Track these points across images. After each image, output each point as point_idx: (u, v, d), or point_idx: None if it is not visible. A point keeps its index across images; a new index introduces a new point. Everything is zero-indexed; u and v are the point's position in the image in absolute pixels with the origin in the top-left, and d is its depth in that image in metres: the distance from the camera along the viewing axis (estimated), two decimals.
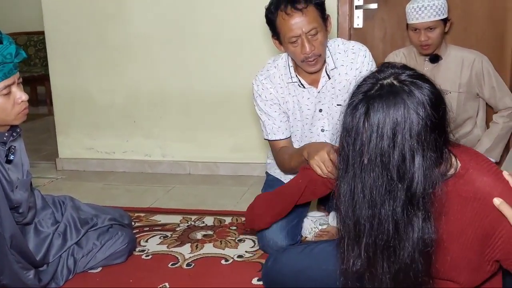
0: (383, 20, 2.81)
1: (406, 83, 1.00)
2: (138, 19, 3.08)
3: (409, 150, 0.96)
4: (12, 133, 1.65)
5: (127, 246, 1.97)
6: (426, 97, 0.99)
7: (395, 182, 0.96)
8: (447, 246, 1.12)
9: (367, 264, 1.02)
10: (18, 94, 1.56)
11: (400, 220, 0.97)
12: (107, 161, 3.31)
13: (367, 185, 0.98)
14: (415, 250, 0.98)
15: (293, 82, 1.93)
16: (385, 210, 0.97)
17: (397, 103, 0.97)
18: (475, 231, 1.09)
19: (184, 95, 3.11)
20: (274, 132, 1.99)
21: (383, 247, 0.99)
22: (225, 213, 2.46)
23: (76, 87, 3.26)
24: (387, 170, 0.96)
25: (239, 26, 2.94)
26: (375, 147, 0.97)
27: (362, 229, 1.00)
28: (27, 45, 5.57)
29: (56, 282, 1.80)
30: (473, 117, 2.38)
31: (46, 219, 1.85)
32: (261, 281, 1.76)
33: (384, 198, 0.97)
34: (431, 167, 0.97)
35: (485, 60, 2.30)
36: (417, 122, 0.96)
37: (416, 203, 0.97)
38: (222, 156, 3.15)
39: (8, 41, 1.52)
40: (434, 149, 0.97)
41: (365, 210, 0.99)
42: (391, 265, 1.00)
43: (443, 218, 1.06)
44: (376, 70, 1.06)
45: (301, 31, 1.73)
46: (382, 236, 0.98)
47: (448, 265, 1.15)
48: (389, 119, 0.96)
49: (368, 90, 1.01)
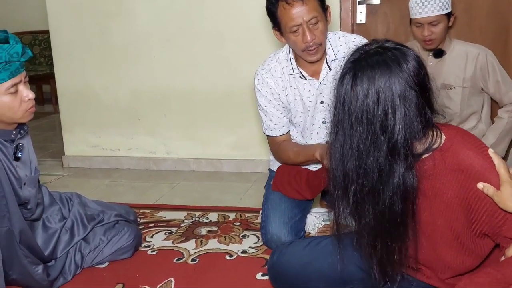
0: (386, 15, 2.81)
1: (390, 49, 1.13)
2: (141, 18, 3.09)
3: (391, 107, 1.08)
4: (20, 130, 1.67)
5: (133, 242, 1.99)
6: (408, 61, 1.11)
7: (378, 135, 1.09)
8: (433, 221, 1.19)
9: (355, 210, 1.17)
10: (25, 92, 1.58)
11: (383, 168, 1.10)
12: (112, 158, 3.34)
13: (355, 140, 1.11)
14: (394, 194, 1.11)
15: (294, 74, 1.94)
16: (370, 160, 1.11)
17: (381, 65, 1.10)
18: (461, 203, 1.15)
19: (188, 93, 3.13)
20: (271, 129, 2.02)
21: (368, 192, 1.13)
22: (229, 209, 2.48)
23: (81, 86, 3.29)
24: (371, 125, 1.09)
25: (241, 24, 2.95)
26: (361, 106, 1.10)
27: (350, 179, 1.14)
28: (32, 44, 5.59)
29: (64, 277, 1.82)
30: (477, 112, 2.38)
31: (53, 215, 1.88)
32: (266, 276, 1.78)
33: (369, 149, 1.10)
34: (411, 121, 1.09)
35: (489, 54, 2.29)
36: (399, 82, 1.08)
37: (397, 153, 1.09)
38: (226, 153, 3.16)
39: (14, 40, 1.54)
40: (414, 106, 1.09)
41: (352, 162, 1.12)
42: (375, 208, 1.14)
43: (430, 192, 1.17)
44: (363, 44, 1.18)
45: (302, 20, 1.75)
46: (367, 183, 1.12)
47: (437, 244, 1.20)
48: (374, 80, 1.09)
49: (355, 59, 1.14)
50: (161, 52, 3.11)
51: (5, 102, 1.54)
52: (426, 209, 1.20)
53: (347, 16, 2.82)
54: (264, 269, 1.84)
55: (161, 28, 3.08)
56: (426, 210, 1.20)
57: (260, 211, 2.21)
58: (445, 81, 2.30)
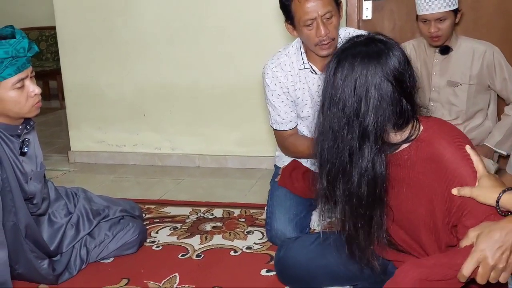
0: (392, 12, 2.79)
1: (376, 41, 1.20)
2: (147, 14, 3.09)
3: (365, 95, 1.15)
4: (26, 126, 1.68)
5: (138, 237, 2.00)
6: (390, 55, 1.17)
7: (352, 118, 1.16)
8: (416, 210, 1.24)
9: (327, 187, 1.24)
10: (31, 87, 1.59)
11: (353, 150, 1.17)
12: (118, 154, 3.35)
13: (331, 121, 1.19)
14: (362, 177, 1.18)
15: (305, 68, 1.94)
16: (343, 140, 1.18)
17: (362, 55, 1.16)
18: (436, 192, 1.19)
19: (193, 89, 3.13)
20: (279, 123, 2.02)
21: (339, 172, 1.20)
22: (234, 205, 2.48)
23: (87, 82, 3.30)
24: (346, 108, 1.17)
25: (246, 21, 2.95)
26: (339, 90, 1.17)
27: (325, 158, 1.22)
28: (38, 40, 5.61)
29: (70, 272, 1.83)
30: (484, 109, 2.36)
31: (59, 210, 1.89)
32: (270, 272, 1.78)
33: (343, 130, 1.17)
34: (384, 110, 1.15)
35: (496, 52, 2.27)
36: (375, 73, 1.15)
37: (367, 137, 1.16)
38: (231, 149, 3.17)
39: (21, 35, 1.55)
40: (389, 98, 1.15)
41: (328, 142, 1.20)
42: (345, 189, 1.20)
43: (411, 181, 1.23)
44: (355, 35, 1.26)
45: (317, 14, 1.75)
46: (339, 163, 1.19)
47: (419, 232, 1.26)
48: (353, 68, 1.16)
49: (344, 48, 1.21)
50: (166, 48, 3.11)
51: (12, 97, 1.55)
52: (409, 198, 1.25)
53: (353, 12, 2.81)
54: (269, 265, 1.84)
55: (166, 24, 3.08)
56: (409, 199, 1.25)
57: (265, 208, 2.21)
58: (452, 78, 2.28)
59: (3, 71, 1.50)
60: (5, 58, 1.48)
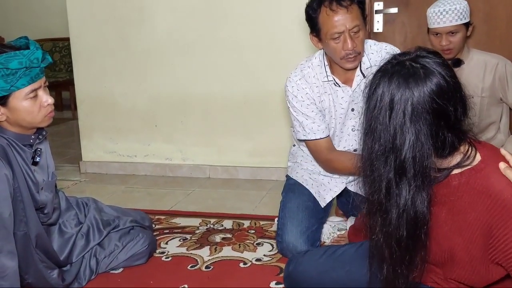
0: (404, 24, 2.79)
1: (418, 66, 1.08)
2: (159, 25, 3.13)
3: (401, 126, 1.05)
4: (38, 135, 1.70)
5: (147, 248, 2.00)
6: (431, 83, 1.05)
7: (387, 149, 1.07)
8: (451, 237, 1.16)
9: (368, 218, 1.15)
10: (44, 97, 1.61)
11: (391, 184, 1.07)
12: (129, 164, 3.36)
13: (369, 150, 1.10)
14: (400, 216, 1.07)
15: (328, 80, 1.93)
16: (379, 172, 1.09)
17: (401, 80, 1.06)
18: (482, 227, 1.10)
19: (204, 100, 3.15)
20: (314, 132, 1.96)
21: (377, 208, 1.10)
22: (244, 217, 2.48)
23: (100, 92, 3.33)
24: (382, 138, 1.07)
25: (258, 31, 2.96)
26: (375, 115, 1.08)
27: (366, 187, 1.13)
28: (52, 51, 5.70)
29: (79, 282, 1.84)
30: (496, 122, 2.34)
31: (70, 220, 1.89)
32: (280, 285, 1.77)
33: (379, 162, 1.08)
34: (421, 145, 1.05)
35: (508, 64, 2.26)
36: (413, 102, 1.04)
37: (405, 171, 1.06)
38: (241, 160, 3.17)
39: (35, 46, 1.57)
40: (428, 130, 1.05)
41: (366, 171, 1.12)
42: (383, 226, 1.11)
43: (455, 209, 1.13)
44: (395, 54, 1.15)
45: (345, 27, 1.75)
46: (376, 196, 1.10)
47: (453, 258, 1.18)
48: (389, 93, 1.06)
49: (384, 66, 1.12)
50: (180, 59, 3.14)
51: (25, 107, 1.56)
52: (448, 223, 1.17)
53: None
54: (278, 278, 1.83)
55: (180, 35, 3.10)
56: (447, 224, 1.17)
57: (275, 219, 2.20)
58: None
59: (17, 81, 1.52)
60: (19, 68, 1.50)
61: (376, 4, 2.80)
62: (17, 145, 1.61)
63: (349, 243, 1.75)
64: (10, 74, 1.49)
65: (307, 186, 2.07)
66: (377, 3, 2.80)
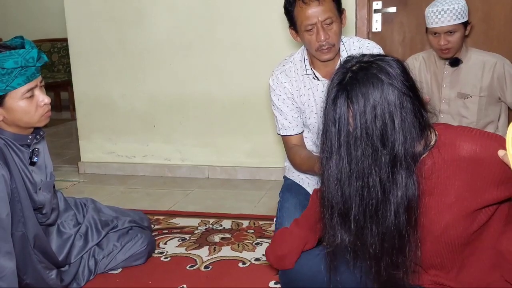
0: (402, 24, 2.79)
1: (371, 61, 1.12)
2: (158, 26, 3.13)
3: (389, 118, 1.08)
4: (36, 135, 1.70)
5: (146, 248, 1.99)
6: (393, 67, 1.11)
7: (379, 149, 1.08)
8: (442, 219, 1.19)
9: (356, 235, 1.14)
10: (40, 97, 1.60)
11: (386, 182, 1.09)
12: (128, 165, 3.36)
13: (354, 160, 1.09)
14: (399, 206, 1.09)
15: (307, 74, 1.97)
16: (372, 177, 1.09)
17: (371, 79, 1.09)
18: (471, 189, 1.15)
19: (203, 100, 3.15)
20: (286, 128, 2.03)
21: (372, 212, 1.10)
22: (242, 217, 2.47)
23: (98, 93, 3.33)
24: (371, 141, 1.08)
25: (257, 32, 2.97)
26: (360, 125, 1.08)
27: (352, 202, 1.11)
28: (51, 52, 5.69)
29: (78, 283, 1.83)
30: (494, 121, 2.34)
31: (68, 220, 1.89)
32: (279, 284, 1.76)
33: (371, 167, 1.08)
34: (410, 127, 1.09)
35: (507, 64, 2.26)
36: (392, 91, 1.08)
37: (399, 163, 1.08)
38: (241, 161, 3.17)
39: (30, 45, 1.56)
40: (411, 112, 1.09)
41: (354, 182, 1.10)
42: (379, 228, 1.11)
43: (436, 189, 1.17)
44: (342, 63, 1.17)
45: (317, 19, 1.79)
46: (371, 202, 1.10)
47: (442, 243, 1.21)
48: (368, 96, 1.08)
49: (342, 80, 1.12)
50: (178, 59, 3.14)
51: (22, 107, 1.56)
52: (433, 207, 1.19)
53: (363, 25, 2.81)
54: (277, 277, 1.83)
55: (178, 36, 3.10)
56: (433, 208, 1.20)
57: (273, 219, 2.20)
58: (462, 90, 2.27)
59: (13, 81, 1.51)
60: (15, 68, 1.50)
61: (375, 4, 2.80)
62: (14, 145, 1.61)
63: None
64: (5, 73, 1.49)
65: (304, 186, 2.07)
66: (375, 2, 2.80)
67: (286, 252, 1.51)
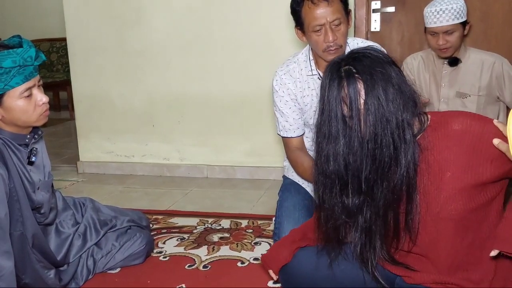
0: (401, 24, 2.79)
1: (358, 53, 1.22)
2: (156, 25, 3.13)
3: (394, 97, 1.19)
4: (34, 135, 1.69)
5: (145, 248, 1.99)
6: (380, 52, 1.23)
7: (392, 111, 1.19)
8: (440, 194, 1.25)
9: (366, 194, 1.23)
10: (39, 96, 1.60)
11: (398, 141, 1.19)
12: (127, 164, 3.36)
13: (372, 127, 1.18)
14: (409, 164, 1.20)
15: (312, 75, 1.96)
16: (386, 138, 1.18)
17: (369, 58, 1.20)
18: (468, 162, 1.21)
19: (202, 100, 3.15)
20: (286, 130, 2.02)
21: (384, 170, 1.20)
22: (241, 216, 2.47)
23: (97, 92, 3.33)
24: (382, 106, 1.18)
25: (256, 32, 2.97)
26: (371, 94, 1.18)
27: (363, 164, 1.20)
28: (49, 51, 5.68)
29: (76, 282, 1.83)
30: None
31: (67, 220, 1.89)
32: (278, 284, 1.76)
33: (385, 127, 1.18)
34: (407, 101, 1.21)
35: (505, 63, 2.26)
36: (390, 66, 1.21)
37: (403, 128, 1.19)
38: (239, 160, 3.17)
39: (28, 44, 1.56)
40: (404, 83, 1.22)
41: (366, 147, 1.19)
42: (390, 182, 1.21)
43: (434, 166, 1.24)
44: (328, 71, 1.24)
45: (326, 20, 1.79)
46: (384, 160, 1.19)
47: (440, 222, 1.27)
48: (375, 68, 1.19)
49: (338, 68, 1.21)
50: (177, 59, 3.14)
51: (20, 106, 1.56)
52: (432, 183, 1.25)
53: (362, 24, 2.81)
54: None
55: (177, 35, 3.10)
56: (432, 184, 1.25)
57: (272, 219, 2.20)
58: (460, 89, 2.27)
59: (11, 80, 1.51)
60: (13, 67, 1.50)
61: (374, 3, 2.80)
62: (12, 144, 1.61)
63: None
64: (3, 73, 1.49)
65: (303, 185, 2.07)
66: (374, 2, 2.80)
67: (284, 241, 1.60)
